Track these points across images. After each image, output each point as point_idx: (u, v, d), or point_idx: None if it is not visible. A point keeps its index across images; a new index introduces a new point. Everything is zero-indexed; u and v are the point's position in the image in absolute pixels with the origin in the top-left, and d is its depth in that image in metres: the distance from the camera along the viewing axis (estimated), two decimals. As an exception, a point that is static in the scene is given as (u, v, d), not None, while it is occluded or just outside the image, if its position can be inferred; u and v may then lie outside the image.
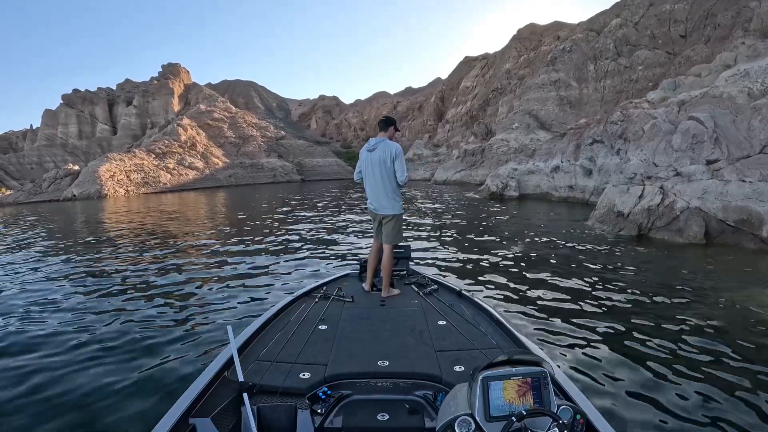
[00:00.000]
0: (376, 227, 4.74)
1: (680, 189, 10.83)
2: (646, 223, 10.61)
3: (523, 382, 1.85)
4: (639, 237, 10.54)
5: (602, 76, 41.51)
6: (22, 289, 8.06)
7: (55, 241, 14.85)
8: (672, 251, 9.32)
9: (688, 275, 7.39)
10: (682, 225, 10.11)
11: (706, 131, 12.19)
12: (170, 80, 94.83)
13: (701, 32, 37.42)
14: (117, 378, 4.21)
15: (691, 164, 11.65)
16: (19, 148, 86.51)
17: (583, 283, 6.98)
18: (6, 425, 3.51)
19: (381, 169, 4.43)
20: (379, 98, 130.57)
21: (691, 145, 12.26)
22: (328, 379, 2.66)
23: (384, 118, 4.65)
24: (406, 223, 14.77)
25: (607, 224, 11.43)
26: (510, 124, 41.95)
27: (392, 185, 4.50)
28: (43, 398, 3.91)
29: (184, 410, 2.19)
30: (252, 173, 75.40)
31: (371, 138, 4.61)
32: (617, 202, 11.42)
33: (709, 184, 10.63)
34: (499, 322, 3.46)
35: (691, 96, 16.05)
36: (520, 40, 66.04)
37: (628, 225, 10.81)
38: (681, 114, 14.88)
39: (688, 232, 9.93)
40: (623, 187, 11.75)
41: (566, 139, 22.80)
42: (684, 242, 9.87)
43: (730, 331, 4.93)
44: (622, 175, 15.15)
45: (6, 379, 4.30)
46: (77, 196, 48.91)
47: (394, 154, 4.39)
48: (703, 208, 10.19)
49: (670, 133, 13.51)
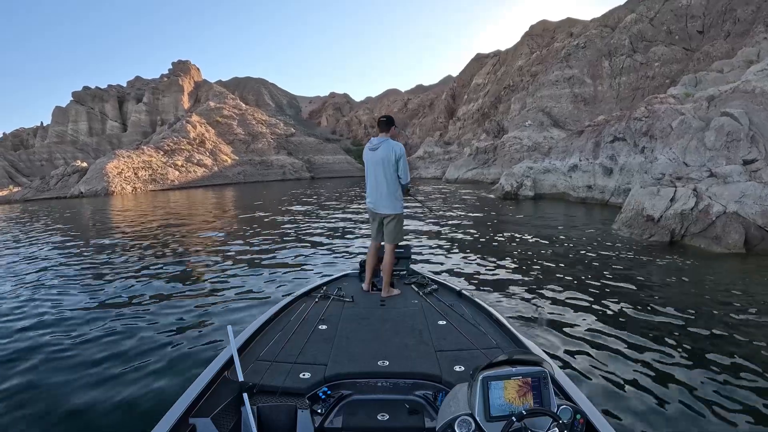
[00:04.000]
0: (375, 227, 4.71)
1: (716, 191, 9.98)
2: (679, 229, 9.75)
3: (523, 382, 1.85)
4: (671, 244, 9.70)
5: (617, 73, 40.48)
6: (20, 288, 8.00)
7: (55, 239, 14.41)
8: (708, 261, 8.54)
9: (726, 289, 6.74)
10: (720, 232, 9.26)
11: (742, 128, 11.31)
12: (180, 77, 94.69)
13: (720, 27, 36.48)
14: (117, 378, 4.23)
15: (727, 164, 10.78)
16: (29, 145, 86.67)
17: (612, 296, 6.45)
18: (6, 425, 3.54)
19: (384, 168, 4.44)
20: (389, 95, 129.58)
21: (726, 143, 11.39)
22: (328, 379, 2.66)
23: (385, 117, 4.61)
24: (419, 224, 14.47)
25: (636, 229, 10.58)
26: (523, 121, 41.05)
27: (395, 184, 4.51)
28: (42, 398, 3.92)
29: (184, 410, 2.18)
30: (261, 170, 74.99)
31: (373, 137, 4.62)
32: (647, 205, 10.55)
33: (747, 186, 9.77)
34: (499, 322, 3.44)
35: (721, 91, 15.11)
36: (533, 36, 65.13)
37: (660, 231, 9.96)
38: (711, 110, 13.96)
39: (727, 240, 9.07)
40: (653, 189, 10.87)
41: (584, 137, 21.87)
42: (722, 251, 9.01)
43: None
44: (647, 175, 14.29)
45: (6, 379, 4.32)
46: (84, 193, 48.68)
47: (398, 154, 4.43)
48: (741, 213, 9.34)
49: (701, 130, 12.63)
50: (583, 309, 5.89)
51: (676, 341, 4.74)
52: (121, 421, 3.52)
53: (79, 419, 3.57)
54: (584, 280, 7.31)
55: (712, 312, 5.64)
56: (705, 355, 4.43)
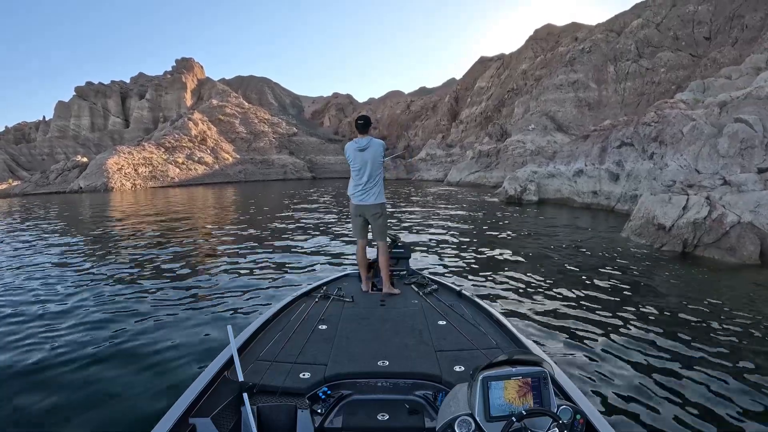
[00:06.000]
0: (359, 224, 4.85)
1: (729, 200, 9.61)
2: (691, 238, 9.37)
3: (523, 382, 1.84)
4: (683, 255, 9.34)
5: (623, 78, 40.17)
6: (18, 285, 7.95)
7: (50, 235, 14.20)
8: (722, 272, 8.19)
9: (739, 300, 6.47)
10: (734, 242, 8.88)
11: (757, 135, 10.95)
12: (183, 75, 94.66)
13: (727, 34, 36.22)
14: (116, 378, 4.21)
15: (741, 172, 10.41)
16: (31, 139, 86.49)
17: (621, 303, 6.27)
18: (7, 424, 3.53)
19: (373, 165, 4.69)
20: (392, 97, 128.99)
21: (740, 150, 11.02)
22: (328, 379, 2.64)
23: (362, 120, 4.79)
24: (422, 226, 14.32)
25: (646, 238, 10.21)
26: (526, 125, 40.70)
27: (381, 179, 4.80)
28: (42, 398, 3.86)
29: (184, 410, 2.17)
30: (262, 169, 74.82)
31: (358, 138, 4.78)
32: (658, 213, 10.17)
33: (762, 195, 9.39)
34: (499, 322, 3.43)
35: (733, 97, 14.75)
36: (537, 40, 64.76)
37: (672, 240, 9.58)
38: (723, 116, 13.61)
39: (742, 251, 8.69)
40: (664, 196, 10.50)
41: (590, 141, 21.49)
42: (736, 262, 8.65)
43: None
44: (655, 181, 13.95)
45: (6, 378, 4.30)
46: (83, 188, 48.46)
47: (383, 150, 4.75)
48: (756, 224, 8.96)
49: (713, 136, 12.27)
50: (588, 314, 5.81)
51: (681, 349, 4.68)
52: (120, 421, 3.50)
53: (79, 419, 3.55)
54: (591, 286, 7.13)
55: (723, 323, 5.44)
56: (712, 363, 4.35)
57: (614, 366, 4.36)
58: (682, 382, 3.97)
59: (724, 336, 5.02)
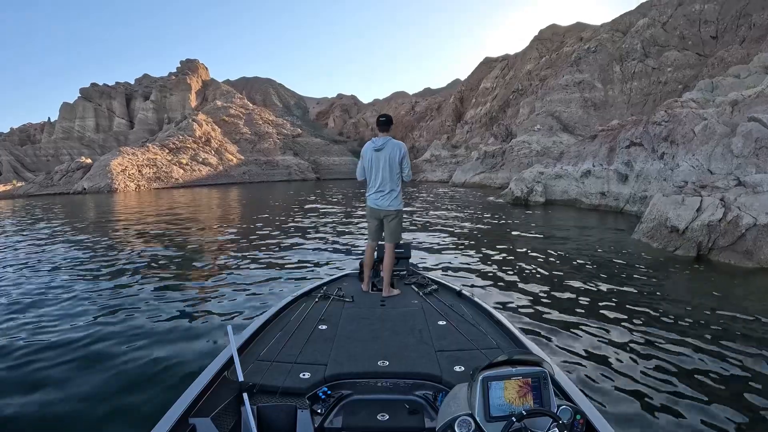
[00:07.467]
0: (374, 226, 4.78)
1: (745, 202, 9.32)
2: (706, 241, 9.09)
3: (523, 383, 1.84)
4: (698, 258, 9.05)
5: (629, 78, 39.83)
6: (17, 284, 7.98)
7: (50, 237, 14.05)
8: (739, 276, 7.94)
9: (756, 305, 6.23)
10: (750, 246, 8.59)
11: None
12: (188, 76, 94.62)
13: (734, 33, 35.92)
14: (116, 378, 4.20)
15: (757, 173, 10.11)
16: (36, 141, 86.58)
17: (632, 307, 6.04)
18: (6, 425, 3.51)
19: (390, 167, 4.56)
20: (397, 98, 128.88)
21: (755, 150, 10.72)
22: (328, 379, 2.64)
23: (384, 117, 4.64)
24: (426, 227, 14.12)
25: (658, 241, 9.93)
26: (532, 125, 40.43)
27: (398, 182, 4.65)
28: (41, 398, 3.86)
29: (184, 410, 2.16)
30: (267, 171, 74.73)
31: (375, 137, 4.67)
32: (671, 215, 9.88)
33: (779, 196, 9.11)
34: (499, 322, 3.42)
35: (744, 96, 14.45)
36: (542, 41, 64.55)
37: (686, 243, 9.28)
38: (736, 115, 13.30)
39: (759, 255, 8.40)
40: (677, 198, 10.21)
41: (597, 142, 21.19)
42: (754, 266, 8.36)
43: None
44: (666, 182, 13.66)
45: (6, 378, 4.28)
46: (87, 189, 48.45)
47: (403, 153, 4.59)
48: (773, 225, 8.70)
49: (726, 135, 11.96)
50: (593, 317, 5.70)
51: (689, 352, 4.59)
52: (120, 421, 3.50)
53: (79, 419, 3.54)
54: (600, 289, 6.96)
55: (739, 329, 5.26)
56: (720, 369, 4.24)
57: (615, 367, 4.29)
58: (687, 387, 3.88)
59: (740, 343, 4.81)
